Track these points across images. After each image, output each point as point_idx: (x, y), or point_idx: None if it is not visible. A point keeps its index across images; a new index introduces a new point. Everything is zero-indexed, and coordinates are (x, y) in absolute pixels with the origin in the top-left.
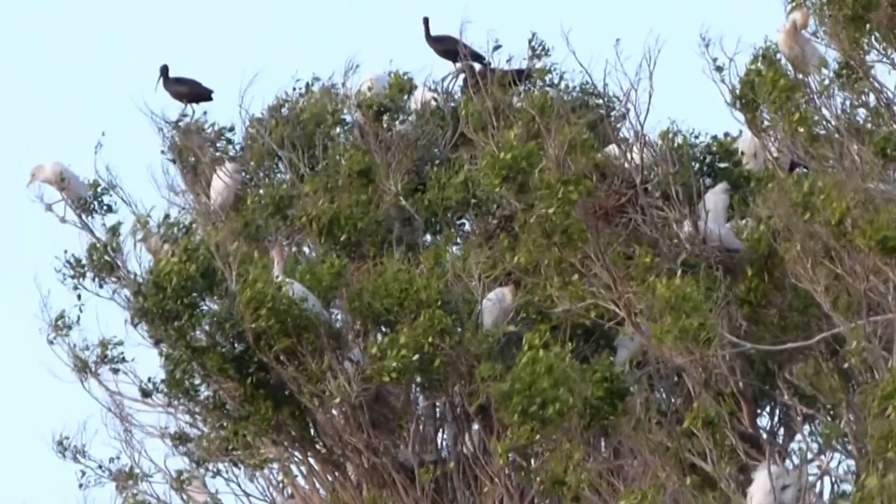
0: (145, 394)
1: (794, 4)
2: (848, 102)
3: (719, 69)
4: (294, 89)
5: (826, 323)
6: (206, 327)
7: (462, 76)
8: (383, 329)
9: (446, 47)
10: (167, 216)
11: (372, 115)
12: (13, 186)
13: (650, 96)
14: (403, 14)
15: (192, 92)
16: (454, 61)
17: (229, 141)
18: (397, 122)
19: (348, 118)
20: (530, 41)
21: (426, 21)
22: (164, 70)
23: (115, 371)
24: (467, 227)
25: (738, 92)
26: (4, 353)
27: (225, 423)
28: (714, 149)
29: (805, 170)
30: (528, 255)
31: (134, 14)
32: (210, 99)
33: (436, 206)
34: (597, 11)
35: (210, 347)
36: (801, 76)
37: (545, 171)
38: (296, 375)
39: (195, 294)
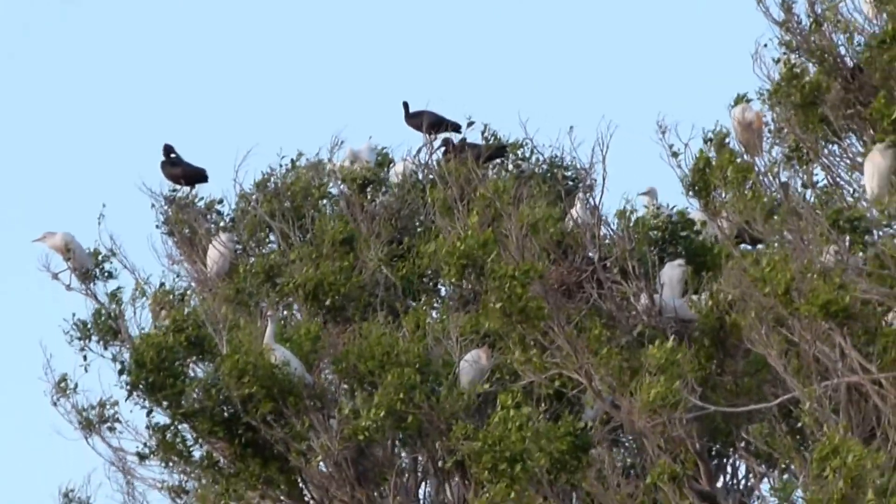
0: (142, 457)
1: (742, 96)
2: (799, 182)
3: (675, 154)
4: (280, 165)
5: (779, 386)
6: (195, 394)
7: (441, 149)
8: (368, 389)
9: (425, 121)
10: (162, 284)
11: (356, 187)
12: (19, 256)
13: (604, 178)
14: (383, 94)
15: (185, 174)
16: (434, 133)
17: (219, 213)
18: (380, 194)
19: (334, 191)
20: (483, 132)
21: (405, 105)
22: (168, 150)
23: (112, 430)
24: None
25: (690, 179)
26: (12, 414)
27: (218, 479)
28: (675, 219)
29: (756, 245)
30: (497, 321)
31: (137, 98)
32: (206, 179)
33: (415, 273)
34: (571, 101)
35: (200, 411)
36: (752, 159)
37: (500, 256)
38: (282, 435)
39: (178, 363)
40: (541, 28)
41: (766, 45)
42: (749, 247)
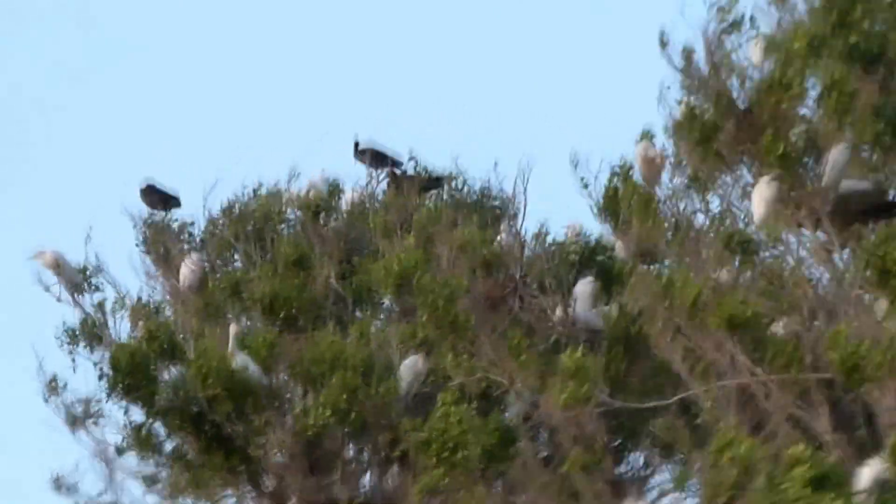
0: (120, 451)
1: (647, 133)
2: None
3: (586, 186)
4: (243, 193)
5: (679, 387)
6: (167, 394)
7: (385, 180)
8: (318, 390)
9: (371, 157)
10: (139, 298)
11: (310, 213)
12: (15, 271)
13: (525, 206)
14: (335, 131)
15: (161, 200)
16: (378, 167)
17: (191, 235)
18: (331, 220)
19: (291, 216)
20: (420, 167)
21: (356, 143)
22: (150, 187)
23: (96, 424)
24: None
25: (601, 206)
26: (9, 409)
27: (186, 469)
28: (591, 244)
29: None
30: (431, 331)
31: (120, 137)
32: (179, 205)
33: (361, 288)
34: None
35: (170, 410)
36: (653, 189)
37: (432, 275)
38: (242, 431)
39: (152, 367)
40: (474, 76)
41: (668, 88)
42: (653, 265)
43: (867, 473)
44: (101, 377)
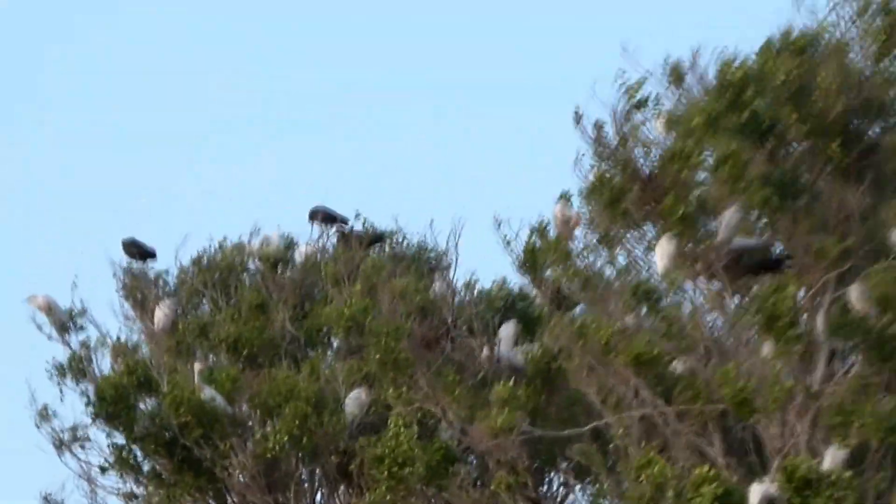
0: (103, 469)
1: (565, 194)
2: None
3: (508, 242)
4: (210, 247)
5: (592, 416)
6: (144, 422)
7: (334, 236)
8: (275, 419)
9: (322, 216)
10: (119, 338)
11: (269, 265)
12: (11, 313)
13: (456, 259)
14: (291, 192)
15: (139, 253)
16: (328, 225)
17: (165, 282)
18: (287, 270)
19: (252, 267)
20: (364, 225)
21: (310, 213)
22: (130, 241)
23: (81, 447)
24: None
25: (520, 260)
26: (3, 434)
27: (161, 487)
28: (511, 291)
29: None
30: (376, 366)
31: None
32: (154, 257)
33: (313, 330)
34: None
35: (147, 435)
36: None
37: (376, 319)
38: (210, 454)
39: (131, 398)
40: (414, 146)
41: (582, 157)
42: (568, 311)
43: (756, 492)
44: (88, 404)
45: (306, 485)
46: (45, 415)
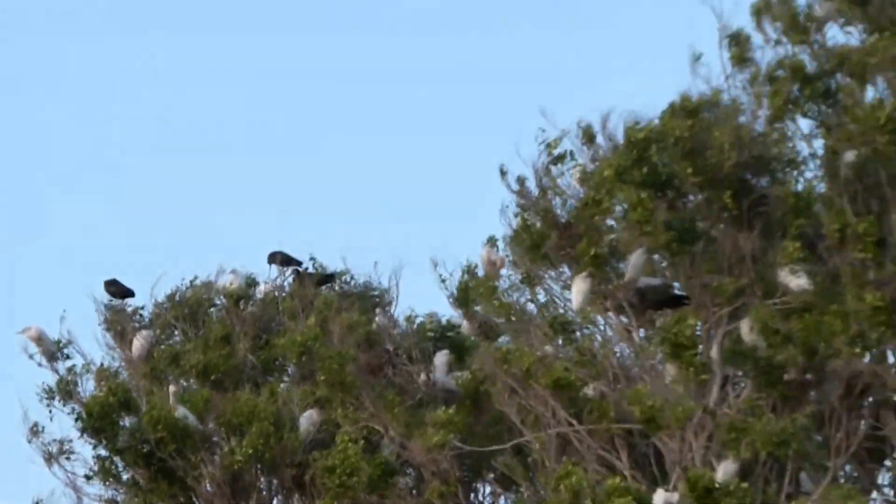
0: (88, 478)
1: (491, 238)
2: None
3: (443, 281)
4: (182, 285)
5: (515, 434)
6: (125, 437)
7: (291, 276)
8: (239, 436)
9: (280, 258)
10: (102, 364)
11: (233, 300)
12: (7, 344)
13: (397, 296)
14: (254, 235)
15: (119, 291)
16: (285, 266)
17: (141, 316)
18: (249, 305)
19: (218, 302)
20: (313, 264)
21: (269, 256)
22: (111, 282)
23: (68, 459)
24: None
25: (454, 297)
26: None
27: (139, 495)
28: (445, 324)
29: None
30: (326, 389)
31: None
32: (133, 295)
33: (271, 358)
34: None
35: (128, 448)
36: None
37: (324, 348)
38: (182, 465)
39: (114, 416)
40: (360, 195)
41: (507, 206)
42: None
43: (660, 498)
44: (77, 419)
45: (265, 493)
46: (35, 431)
